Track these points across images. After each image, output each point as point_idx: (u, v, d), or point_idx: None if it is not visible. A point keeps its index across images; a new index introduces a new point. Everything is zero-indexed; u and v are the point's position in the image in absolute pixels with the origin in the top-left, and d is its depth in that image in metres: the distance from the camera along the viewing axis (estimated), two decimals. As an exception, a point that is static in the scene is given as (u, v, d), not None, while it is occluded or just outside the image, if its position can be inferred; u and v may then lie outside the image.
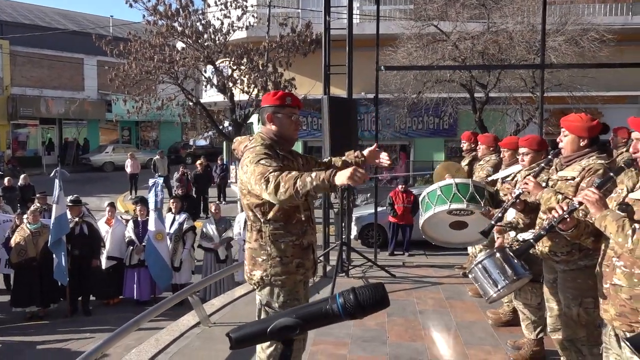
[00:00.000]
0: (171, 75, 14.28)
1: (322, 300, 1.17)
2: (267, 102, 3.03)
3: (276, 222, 2.92)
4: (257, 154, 2.80)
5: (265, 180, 2.62)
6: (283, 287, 2.97)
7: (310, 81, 15.05)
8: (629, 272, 2.38)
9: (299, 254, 2.98)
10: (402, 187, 10.91)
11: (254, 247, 2.98)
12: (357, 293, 1.15)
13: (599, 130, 3.24)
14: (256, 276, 2.98)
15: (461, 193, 4.58)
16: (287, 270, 2.95)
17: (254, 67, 13.89)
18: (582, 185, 3.07)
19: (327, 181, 2.51)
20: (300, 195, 2.53)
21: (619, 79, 16.06)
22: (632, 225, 2.28)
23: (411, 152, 19.63)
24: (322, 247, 7.05)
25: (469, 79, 14.21)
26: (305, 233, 3.02)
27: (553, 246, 3.29)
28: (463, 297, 5.87)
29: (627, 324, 2.40)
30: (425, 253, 10.64)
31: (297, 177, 2.56)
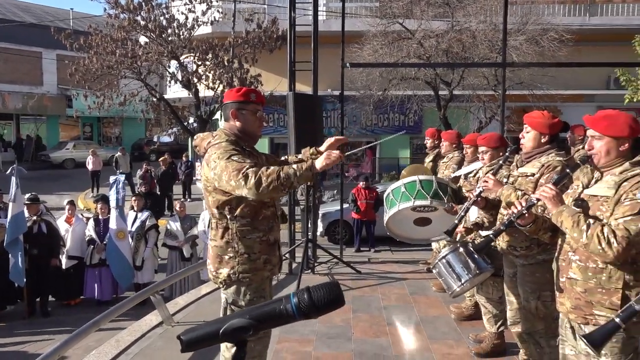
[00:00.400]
0: (134, 70, 13.99)
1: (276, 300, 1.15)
2: (231, 98, 3.00)
3: (243, 218, 2.89)
4: (226, 150, 2.77)
5: (244, 176, 2.62)
6: (250, 285, 2.95)
7: (276, 78, 14.98)
8: (584, 266, 2.44)
9: (266, 250, 2.97)
10: (363, 183, 10.98)
11: (219, 244, 2.94)
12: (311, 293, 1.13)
13: (559, 128, 3.32)
14: (223, 274, 2.94)
15: (425, 190, 4.63)
16: (254, 267, 2.93)
17: (219, 63, 13.74)
18: (541, 182, 3.14)
19: (310, 169, 2.64)
20: (284, 187, 2.61)
21: (577, 78, 16.55)
22: (587, 220, 2.34)
23: (377, 148, 19.78)
24: (288, 244, 7.02)
25: (433, 77, 14.39)
26: (272, 229, 3.01)
27: (513, 241, 3.36)
28: (427, 292, 5.95)
29: (582, 317, 2.46)
30: (391, 249, 10.75)
31: (279, 170, 2.62)
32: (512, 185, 3.35)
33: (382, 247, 10.93)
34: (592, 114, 2.54)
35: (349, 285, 6.22)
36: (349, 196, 11.11)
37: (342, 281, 6.35)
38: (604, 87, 18.44)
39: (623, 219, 2.24)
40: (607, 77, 18.28)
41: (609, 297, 2.35)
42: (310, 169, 2.64)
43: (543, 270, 3.19)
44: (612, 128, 2.40)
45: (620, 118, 2.41)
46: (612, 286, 2.35)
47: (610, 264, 2.34)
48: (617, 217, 2.27)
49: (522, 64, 11.67)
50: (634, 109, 16.31)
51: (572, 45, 13.70)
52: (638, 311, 2.02)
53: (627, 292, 2.32)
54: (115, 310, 4.57)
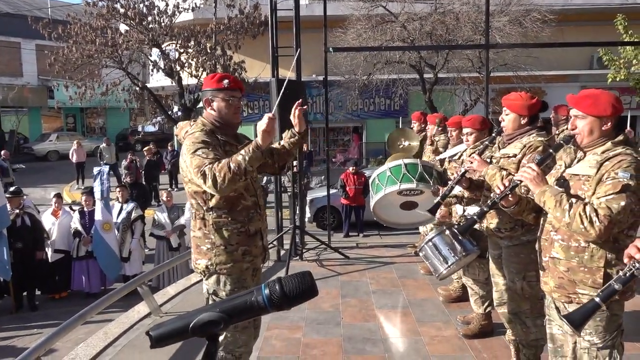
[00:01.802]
0: (115, 59, 13.80)
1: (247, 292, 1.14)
2: (206, 85, 2.94)
3: (219, 209, 2.86)
4: (194, 143, 2.74)
5: (202, 175, 2.61)
6: (229, 276, 2.92)
7: (260, 64, 14.85)
8: (566, 245, 2.46)
9: (244, 241, 2.92)
10: (352, 168, 10.99)
11: (197, 235, 2.92)
12: (282, 283, 1.12)
13: (538, 108, 3.32)
14: (201, 265, 2.93)
15: (410, 173, 4.63)
16: (232, 259, 2.89)
17: (202, 50, 13.59)
18: (524, 162, 3.15)
19: (257, 148, 2.64)
20: (239, 176, 2.58)
21: (561, 59, 16.62)
22: (569, 200, 2.35)
23: (363, 133, 19.78)
24: (276, 231, 7.02)
25: (418, 60, 14.37)
26: (252, 220, 2.95)
27: (497, 223, 3.38)
28: (415, 276, 5.99)
29: (565, 295, 2.49)
30: (380, 233, 10.80)
31: (229, 161, 2.60)
32: (496, 165, 3.36)
33: (371, 232, 10.97)
34: (575, 94, 2.54)
35: (338, 270, 6.24)
36: (338, 182, 11.11)
37: (330, 267, 6.37)
38: (587, 66, 18.55)
39: (605, 197, 2.26)
40: (590, 57, 18.39)
41: (592, 275, 2.38)
42: (256, 147, 2.64)
43: (527, 251, 3.21)
44: (595, 107, 2.40)
45: (603, 97, 2.41)
46: (594, 265, 2.37)
47: (593, 243, 2.36)
48: (599, 196, 2.28)
49: (506, 45, 11.65)
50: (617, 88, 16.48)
51: (555, 25, 13.73)
52: (618, 290, 2.04)
53: (608, 271, 2.34)
54: (102, 302, 4.55)
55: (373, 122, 19.35)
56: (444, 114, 7.15)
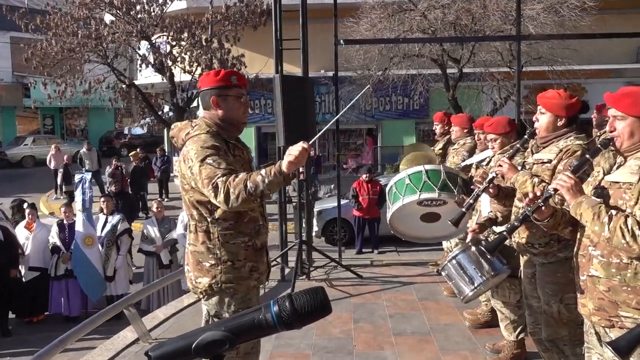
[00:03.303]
0: (99, 54, 13.95)
1: (254, 310, 1.17)
2: (209, 83, 2.99)
3: (226, 221, 2.90)
4: (203, 148, 2.77)
5: (214, 187, 2.65)
6: (235, 295, 2.96)
7: (262, 58, 14.92)
8: (606, 262, 2.47)
9: (252, 256, 2.98)
10: (366, 176, 11.01)
11: (200, 250, 2.95)
12: (293, 299, 1.15)
13: (578, 109, 3.35)
14: (203, 284, 2.95)
15: (432, 181, 4.66)
16: (239, 276, 2.94)
17: (196, 43, 13.70)
18: (559, 169, 3.18)
19: (279, 173, 2.60)
20: (254, 197, 2.62)
21: (603, 51, 16.58)
22: (608, 211, 2.37)
23: (378, 136, 19.80)
24: (279, 246, 7.05)
25: (440, 53, 14.39)
26: (259, 232, 3.02)
27: (530, 237, 3.40)
28: (437, 298, 6.00)
29: (606, 319, 2.50)
30: (397, 249, 10.80)
31: (246, 178, 2.62)
32: (528, 171, 3.38)
33: (387, 247, 10.97)
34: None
35: (350, 291, 6.26)
36: (349, 191, 11.13)
37: (341, 287, 6.39)
38: (633, 60, 18.49)
39: (649, 208, 2.28)
40: (636, 49, 18.32)
41: (636, 295, 2.39)
42: (279, 173, 2.60)
43: (565, 269, 3.22)
44: (636, 106, 2.42)
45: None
46: (638, 284, 2.38)
47: (636, 259, 2.37)
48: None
49: (540, 37, 11.65)
50: (668, 85, 16.39)
51: (596, 13, 13.70)
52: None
53: (656, 291, 2.35)
54: (84, 327, 4.59)
55: (389, 124, 19.38)
56: (470, 114, 7.17)
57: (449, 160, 6.02)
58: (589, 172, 2.74)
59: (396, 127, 19.03)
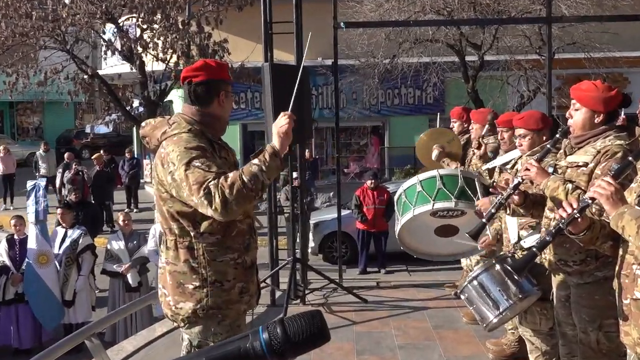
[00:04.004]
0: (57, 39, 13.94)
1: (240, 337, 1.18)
2: (218, 74, 3.09)
3: (212, 235, 2.91)
4: (187, 150, 2.78)
5: (206, 194, 2.65)
6: (222, 322, 2.98)
7: (248, 44, 14.96)
8: (654, 283, 2.49)
9: (242, 275, 3.00)
10: (371, 182, 11.02)
11: (181, 270, 2.95)
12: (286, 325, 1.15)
13: (618, 102, 3.36)
14: (185, 310, 2.96)
15: (448, 188, 4.67)
16: (229, 299, 2.96)
17: (171, 26, 13.69)
18: (597, 173, 3.19)
19: (275, 155, 2.73)
20: (255, 192, 2.68)
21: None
22: (656, 223, 2.39)
23: (386, 135, 19.83)
24: (269, 265, 7.05)
25: (457, 38, 14.44)
26: (249, 247, 3.04)
27: (563, 253, 3.41)
28: (456, 325, 5.99)
29: (654, 350, 2.51)
30: (408, 268, 10.80)
31: (240, 174, 2.66)
32: (560, 176, 3.39)
33: (396, 266, 10.97)
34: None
35: (352, 318, 6.25)
36: (351, 200, 11.14)
37: (342, 313, 6.39)
38: (683, 45, 18.57)
39: (703, 220, 2.29)
40: (687, 33, 18.42)
41: (688, 322, 2.40)
42: (274, 154, 2.72)
43: (604, 291, 3.22)
44: (687, 100, 2.44)
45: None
46: (691, 308, 2.40)
47: (689, 279, 2.39)
48: (697, 217, 2.31)
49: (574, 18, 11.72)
50: None
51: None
52: None
53: None
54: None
55: (398, 121, 19.42)
56: (493, 109, 7.19)
57: (469, 164, 6.03)
58: (632, 177, 2.75)
59: (406, 124, 19.06)
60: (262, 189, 2.71)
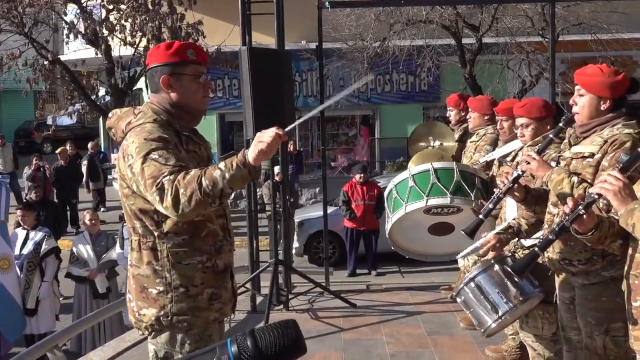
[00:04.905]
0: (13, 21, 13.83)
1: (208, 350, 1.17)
2: (159, 59, 3.00)
3: (178, 235, 2.90)
4: (147, 141, 2.76)
5: (159, 189, 2.62)
6: (189, 331, 2.96)
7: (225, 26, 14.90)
8: (665, 284, 2.51)
9: (212, 280, 2.97)
10: (360, 176, 11.03)
11: (144, 273, 2.94)
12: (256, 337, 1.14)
13: (626, 89, 3.38)
14: (148, 317, 2.95)
15: (442, 182, 4.69)
16: (195, 306, 2.94)
17: (140, 7, 13.63)
18: (604, 164, 3.21)
19: (243, 165, 2.59)
20: (212, 199, 2.58)
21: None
22: (668, 220, 2.40)
23: (376, 125, 19.84)
24: (249, 268, 7.04)
25: (454, 19, 14.46)
26: (221, 250, 3.01)
27: (567, 252, 3.42)
28: (452, 331, 6.02)
29: (664, 356, 2.54)
30: (400, 270, 10.83)
31: (200, 174, 2.59)
32: (565, 167, 3.41)
33: (388, 268, 11.00)
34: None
35: (340, 324, 6.26)
36: (339, 196, 11.15)
37: (329, 319, 6.40)
38: (697, 26, 18.72)
39: None
40: (701, 12, 18.57)
41: (701, 326, 2.43)
42: (243, 164, 2.59)
43: (611, 293, 3.25)
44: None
45: None
46: None
47: (702, 280, 2.41)
48: None
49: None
50: None
51: (651, -33, 13.88)
52: None
53: None
54: (-3, 375, 4.55)
55: (390, 109, 19.43)
56: (492, 96, 7.21)
57: (466, 156, 6.04)
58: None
59: (398, 113, 19.08)
60: (222, 197, 2.62)
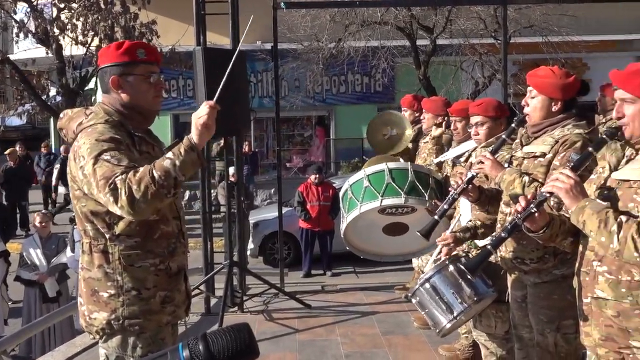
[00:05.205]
0: (-40, 19, 13.52)
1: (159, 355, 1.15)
2: (109, 59, 2.98)
3: (130, 237, 2.88)
4: (99, 142, 2.74)
5: (112, 190, 2.61)
6: (142, 334, 2.93)
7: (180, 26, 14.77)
8: (615, 281, 2.53)
9: (164, 283, 2.96)
10: (315, 177, 11.03)
11: (95, 276, 2.91)
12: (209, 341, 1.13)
13: (577, 90, 3.44)
14: (99, 321, 2.92)
15: (397, 183, 4.71)
16: (148, 309, 2.92)
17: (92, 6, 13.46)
18: (555, 164, 3.25)
19: (191, 148, 2.65)
20: (167, 190, 2.60)
21: (608, 19, 17.06)
22: (617, 218, 2.43)
23: (331, 126, 19.87)
24: (204, 270, 6.99)
25: (408, 20, 14.56)
26: (174, 252, 3.00)
27: (519, 251, 3.46)
28: (406, 331, 6.04)
29: (615, 351, 2.56)
30: (355, 270, 10.86)
31: (151, 168, 2.61)
32: (516, 168, 3.44)
33: (343, 268, 11.02)
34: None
35: (295, 325, 6.25)
36: (294, 197, 11.14)
37: (284, 320, 6.38)
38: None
39: (666, 212, 2.35)
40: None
41: (650, 321, 2.46)
42: (190, 148, 2.65)
43: (562, 290, 3.29)
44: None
45: (659, 73, 2.51)
46: (654, 306, 2.46)
47: (651, 276, 2.44)
48: (659, 210, 2.37)
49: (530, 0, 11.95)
50: (685, 60, 16.96)
51: (600, -28, 14.16)
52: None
53: (673, 313, 2.43)
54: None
55: (345, 110, 19.47)
56: (445, 97, 7.26)
57: (420, 157, 6.08)
58: (592, 168, 2.80)
59: (353, 114, 19.12)
60: (176, 186, 2.64)
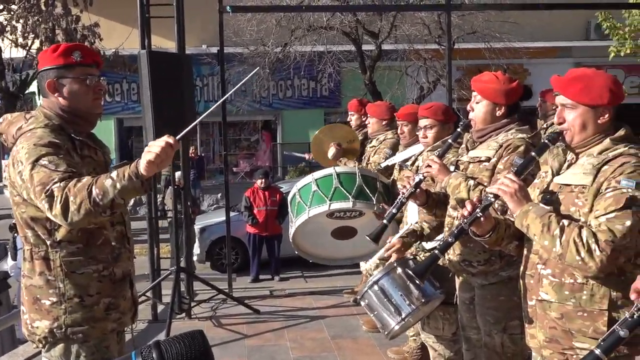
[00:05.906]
0: None
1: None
2: (45, 62, 2.94)
3: (71, 244, 2.84)
4: (37, 147, 2.71)
5: (48, 197, 2.58)
6: (85, 342, 2.89)
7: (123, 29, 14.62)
8: (558, 283, 2.59)
9: (109, 289, 2.92)
10: (262, 181, 11.02)
11: (37, 284, 2.87)
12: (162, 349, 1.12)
13: (519, 95, 3.51)
14: (41, 329, 2.87)
15: (345, 187, 4.72)
16: (91, 316, 2.88)
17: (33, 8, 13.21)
18: (500, 168, 3.32)
19: (135, 176, 2.57)
20: (102, 209, 2.56)
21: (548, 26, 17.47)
22: (560, 222, 2.48)
23: (278, 130, 19.87)
24: (150, 276, 6.91)
25: (354, 25, 14.65)
26: (119, 258, 2.98)
27: (466, 254, 3.51)
28: (355, 334, 6.07)
29: (559, 352, 2.62)
30: (304, 275, 10.86)
31: (91, 183, 2.57)
32: (462, 172, 3.50)
33: (291, 272, 11.01)
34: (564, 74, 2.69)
35: (244, 331, 6.22)
36: (241, 202, 11.10)
37: (232, 326, 6.35)
38: (583, 37, 19.69)
39: (605, 216, 2.40)
40: (586, 24, 19.54)
41: (592, 322, 2.51)
42: (135, 176, 2.55)
43: (509, 292, 3.35)
44: (588, 93, 2.56)
45: (598, 79, 2.57)
46: (595, 307, 2.51)
47: (592, 278, 2.50)
48: (598, 214, 2.42)
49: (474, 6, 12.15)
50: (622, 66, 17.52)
51: (541, -20, 14.48)
52: (624, 338, 2.16)
53: (614, 315, 2.48)
54: None
55: (292, 114, 19.51)
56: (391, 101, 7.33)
57: (366, 161, 6.11)
58: (535, 172, 2.87)
59: (300, 118, 19.18)
60: (113, 208, 2.60)
